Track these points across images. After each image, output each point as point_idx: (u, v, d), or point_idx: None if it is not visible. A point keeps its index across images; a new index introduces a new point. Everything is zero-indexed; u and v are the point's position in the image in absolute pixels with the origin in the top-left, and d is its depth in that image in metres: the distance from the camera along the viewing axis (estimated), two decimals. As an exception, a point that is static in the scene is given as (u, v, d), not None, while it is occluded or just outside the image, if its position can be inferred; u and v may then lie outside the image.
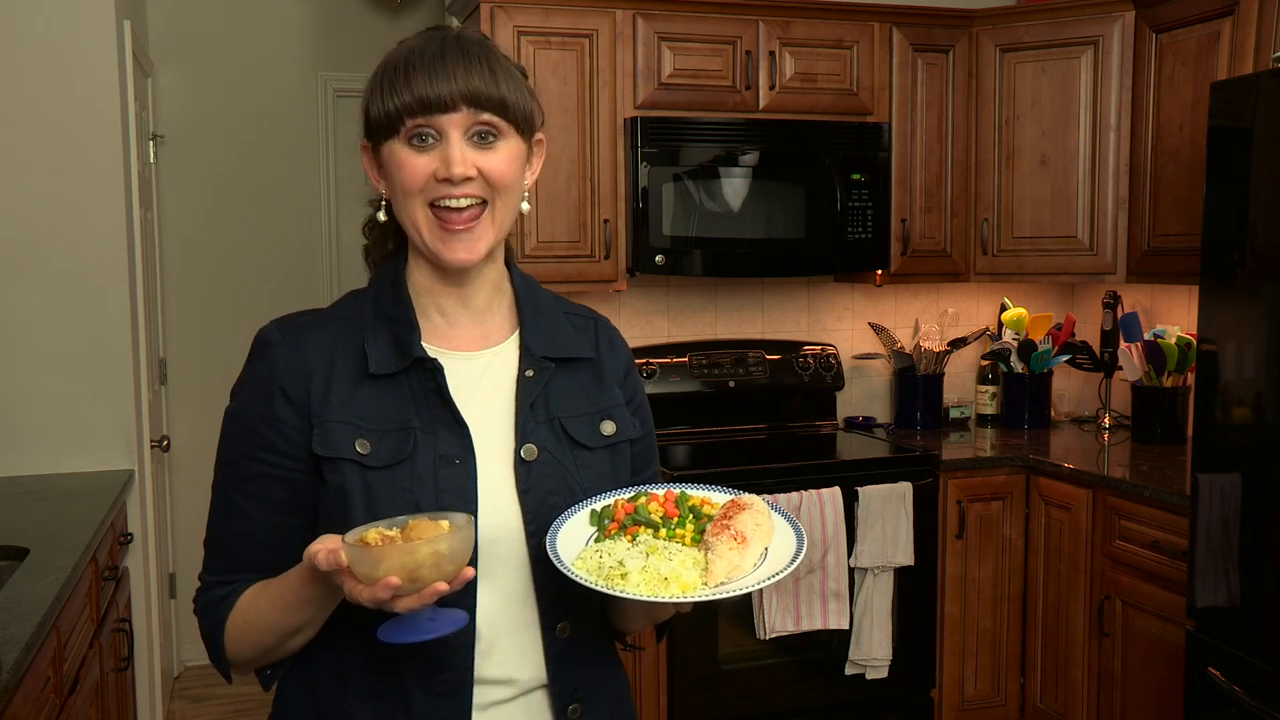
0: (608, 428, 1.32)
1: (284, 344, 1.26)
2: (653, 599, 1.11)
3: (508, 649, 1.25)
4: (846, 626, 3.28)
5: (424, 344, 1.27)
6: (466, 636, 1.22)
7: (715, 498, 1.27)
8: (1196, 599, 2.69)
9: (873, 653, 3.32)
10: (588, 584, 1.13)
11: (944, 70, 3.70)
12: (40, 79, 3.15)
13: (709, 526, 1.20)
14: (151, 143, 4.13)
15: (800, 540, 1.20)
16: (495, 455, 1.26)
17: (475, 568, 1.20)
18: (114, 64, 3.23)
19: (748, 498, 1.23)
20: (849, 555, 3.27)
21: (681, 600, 1.12)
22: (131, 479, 3.26)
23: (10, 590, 2.13)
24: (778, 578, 1.14)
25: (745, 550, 1.16)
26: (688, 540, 1.20)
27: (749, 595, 3.20)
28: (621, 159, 3.40)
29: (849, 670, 3.35)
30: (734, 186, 3.43)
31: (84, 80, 3.19)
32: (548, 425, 1.28)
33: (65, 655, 2.23)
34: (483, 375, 1.30)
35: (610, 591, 1.12)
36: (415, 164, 1.20)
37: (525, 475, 1.25)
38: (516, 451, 1.26)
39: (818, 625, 3.24)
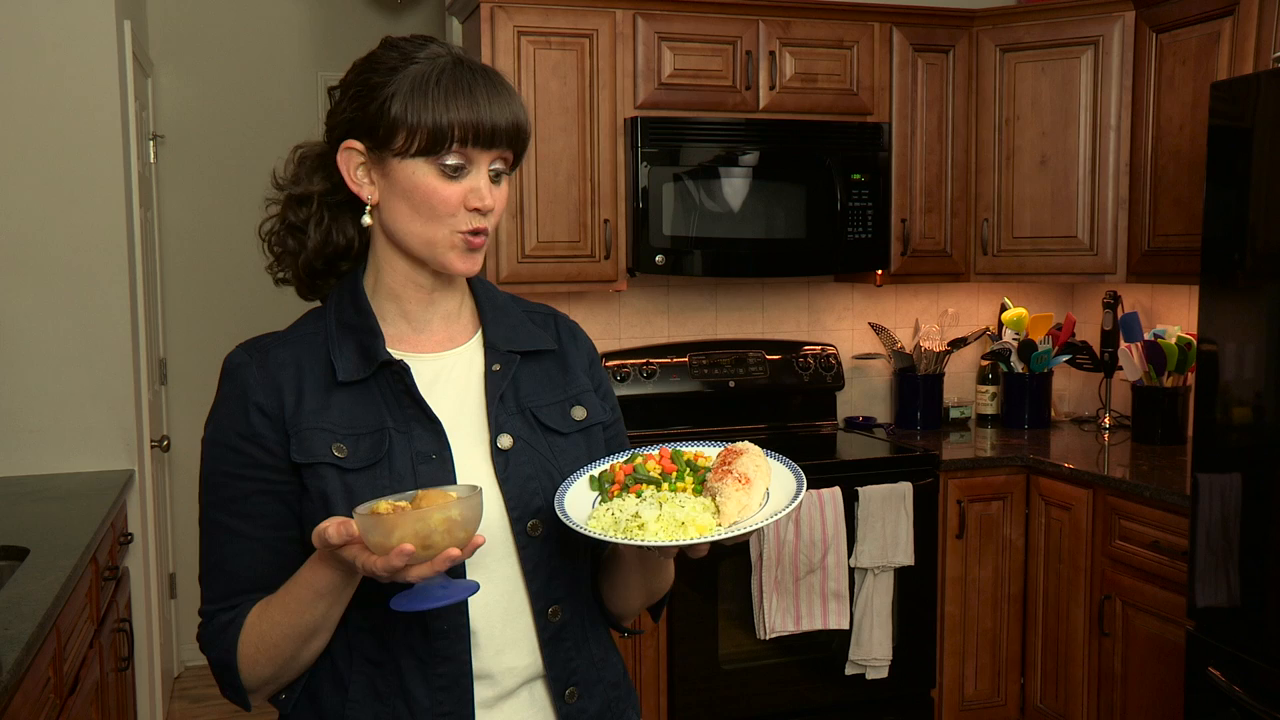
0: (579, 413, 1.35)
1: (251, 363, 1.27)
2: (674, 544, 1.14)
3: (502, 637, 1.27)
4: (846, 626, 3.28)
5: (389, 349, 1.29)
6: (460, 628, 1.24)
7: (707, 451, 1.30)
8: (1196, 599, 2.69)
9: (873, 653, 3.32)
10: (608, 538, 1.15)
11: (944, 70, 3.70)
12: (40, 79, 3.15)
13: (710, 474, 1.23)
14: (151, 143, 4.13)
15: (799, 476, 1.24)
16: (471, 449, 1.28)
17: (463, 563, 1.21)
18: (114, 64, 3.23)
19: (742, 444, 1.27)
20: (849, 555, 3.27)
21: (699, 541, 1.14)
22: (131, 479, 3.26)
23: (10, 590, 2.13)
24: (788, 510, 1.17)
25: (751, 490, 1.20)
26: (690, 491, 1.23)
27: (750, 593, 3.21)
28: (621, 159, 3.40)
29: (849, 670, 3.35)
30: (734, 186, 3.43)
31: (84, 80, 3.19)
32: (520, 415, 1.31)
33: (65, 655, 2.22)
34: (451, 374, 1.32)
35: (631, 542, 1.14)
36: (449, 192, 1.23)
37: (503, 464, 1.28)
38: (492, 442, 1.28)
39: (818, 625, 3.24)
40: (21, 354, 3.19)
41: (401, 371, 1.27)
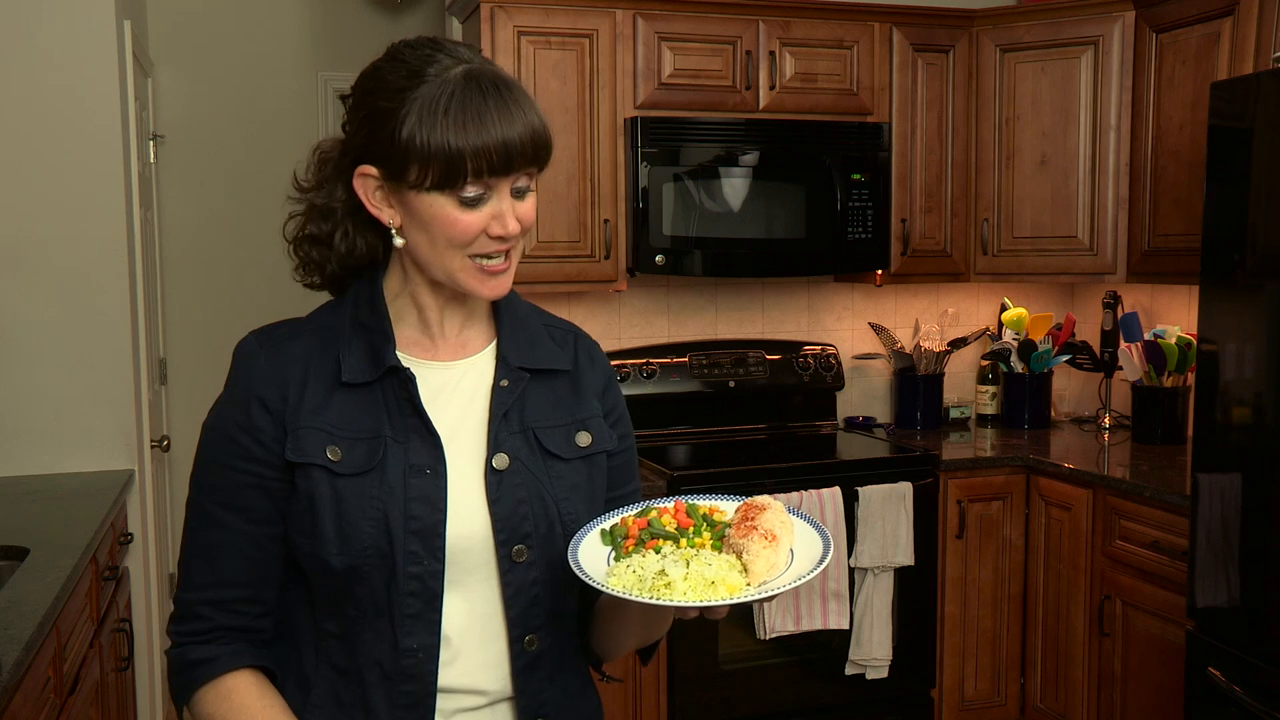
0: (583, 439, 1.31)
1: (261, 354, 1.26)
2: (706, 604, 1.11)
3: (474, 659, 1.25)
4: (846, 626, 3.28)
5: (400, 354, 1.27)
6: (431, 648, 1.22)
7: (722, 505, 1.27)
8: (1196, 599, 2.69)
9: (873, 653, 3.32)
10: (634, 598, 1.11)
11: (944, 70, 3.70)
12: (40, 79, 3.15)
13: (733, 530, 1.19)
14: (151, 143, 4.13)
15: (825, 535, 1.21)
16: (467, 464, 1.26)
17: (442, 581, 1.21)
18: (114, 64, 3.22)
19: (763, 499, 1.23)
20: (849, 555, 3.27)
21: (730, 602, 1.11)
22: (131, 479, 3.26)
23: (10, 590, 2.13)
24: (818, 570, 1.15)
25: (778, 548, 1.17)
26: (707, 547, 1.20)
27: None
28: (621, 159, 3.40)
29: (849, 670, 3.35)
30: (734, 186, 3.43)
31: (84, 80, 3.18)
32: (521, 435, 1.28)
33: (65, 655, 2.22)
34: (458, 384, 1.29)
35: (661, 602, 1.11)
36: (469, 221, 1.19)
37: (495, 484, 1.25)
38: (488, 461, 1.26)
39: (818, 625, 3.24)
40: (22, 354, 3.19)
41: (407, 380, 1.25)
